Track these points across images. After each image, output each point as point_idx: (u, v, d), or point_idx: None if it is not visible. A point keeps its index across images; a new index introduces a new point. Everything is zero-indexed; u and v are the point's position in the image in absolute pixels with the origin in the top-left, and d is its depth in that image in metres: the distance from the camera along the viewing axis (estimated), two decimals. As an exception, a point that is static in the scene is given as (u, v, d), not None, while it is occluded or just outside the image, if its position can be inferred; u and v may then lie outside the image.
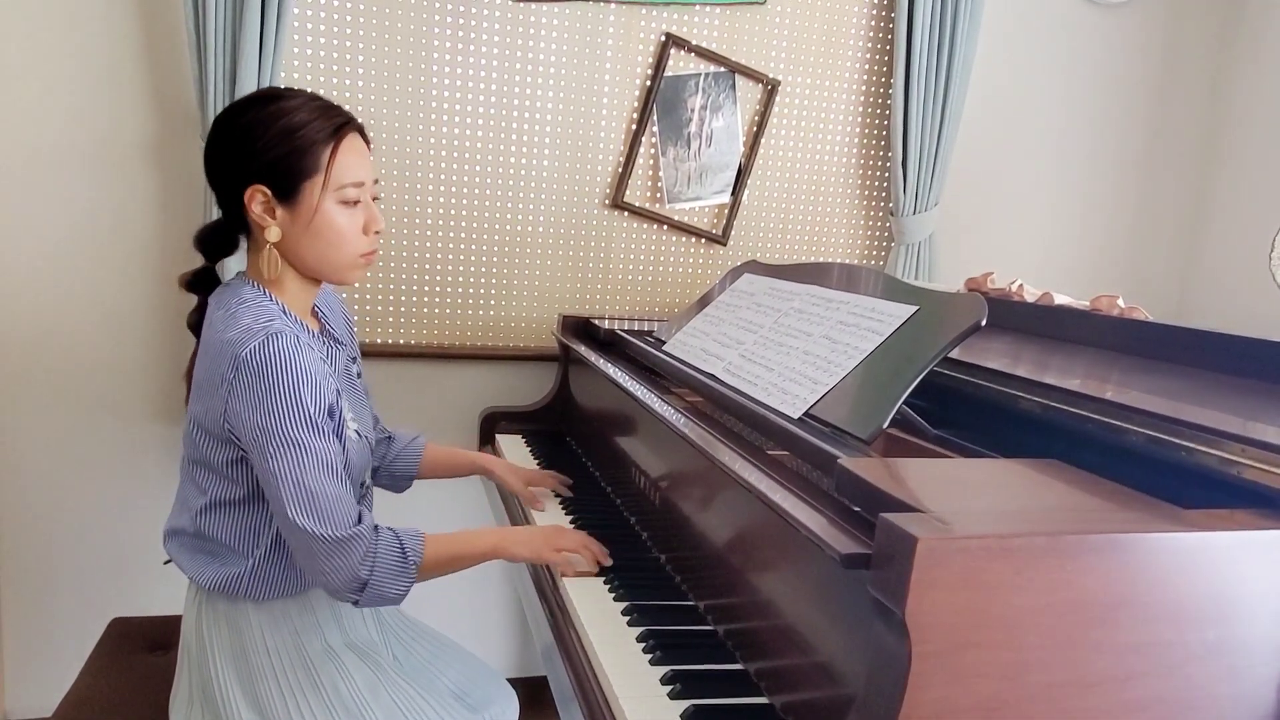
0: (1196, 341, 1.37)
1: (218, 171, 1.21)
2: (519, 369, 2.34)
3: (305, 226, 1.19)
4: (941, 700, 0.73)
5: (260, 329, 1.12)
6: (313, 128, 1.17)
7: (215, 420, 1.16)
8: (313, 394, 1.13)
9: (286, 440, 1.11)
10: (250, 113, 1.18)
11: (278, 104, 1.18)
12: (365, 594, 1.17)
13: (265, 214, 1.19)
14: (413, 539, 1.22)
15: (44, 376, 2.03)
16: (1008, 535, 0.73)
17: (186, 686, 1.33)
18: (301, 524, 1.12)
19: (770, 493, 1.01)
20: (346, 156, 1.19)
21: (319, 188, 1.18)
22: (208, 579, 1.25)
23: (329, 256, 1.22)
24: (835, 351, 1.27)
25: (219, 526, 1.24)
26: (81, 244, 2.00)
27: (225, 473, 1.21)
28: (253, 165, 1.16)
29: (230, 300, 1.20)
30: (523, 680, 2.34)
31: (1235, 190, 2.70)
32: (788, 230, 2.48)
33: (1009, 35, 2.53)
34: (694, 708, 1.01)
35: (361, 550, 1.15)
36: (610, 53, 2.24)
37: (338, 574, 1.15)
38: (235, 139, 1.18)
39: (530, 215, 2.27)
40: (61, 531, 2.11)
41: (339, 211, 1.20)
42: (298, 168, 1.17)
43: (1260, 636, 0.82)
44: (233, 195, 1.20)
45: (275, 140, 1.15)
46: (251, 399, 1.11)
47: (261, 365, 1.10)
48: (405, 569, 1.19)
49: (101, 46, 1.93)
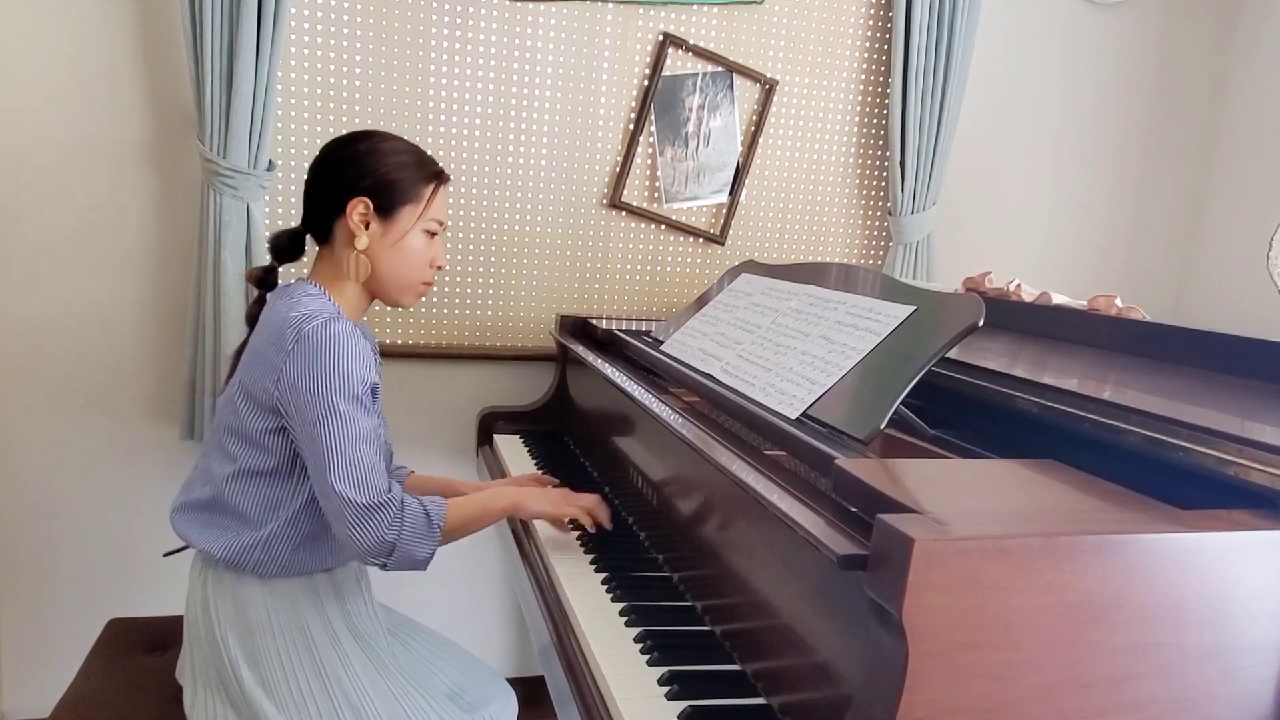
0: (1194, 341, 1.37)
1: (327, 181, 1.35)
2: (517, 369, 2.34)
3: (392, 244, 1.35)
4: (938, 701, 0.73)
5: (323, 314, 1.26)
6: (422, 166, 1.37)
7: (265, 387, 1.25)
8: (362, 373, 1.25)
9: (335, 409, 1.22)
10: (371, 141, 1.35)
11: (394, 141, 1.37)
12: (394, 556, 1.25)
13: (361, 223, 1.33)
14: (436, 504, 1.30)
15: (41, 376, 2.03)
16: (1004, 536, 0.73)
17: (192, 672, 1.35)
18: (339, 488, 1.21)
19: (768, 493, 1.01)
20: (440, 197, 1.39)
21: (415, 215, 1.36)
22: (218, 548, 1.29)
23: (400, 274, 1.37)
24: (833, 352, 1.27)
25: (242, 494, 1.30)
26: (78, 243, 1.99)
27: (261, 441, 1.28)
28: (365, 181, 1.32)
29: (295, 293, 1.32)
30: (522, 679, 2.35)
31: (1233, 190, 2.70)
32: (786, 230, 2.47)
33: (1007, 35, 2.53)
34: (691, 708, 1.01)
35: (390, 515, 1.24)
36: (608, 52, 2.24)
37: (368, 537, 1.22)
38: (353, 157, 1.33)
39: (528, 215, 2.27)
40: (59, 532, 2.11)
41: (421, 239, 1.38)
42: (403, 192, 1.34)
43: (1257, 637, 0.82)
44: (334, 204, 1.33)
45: (391, 165, 1.33)
46: (308, 369, 1.22)
47: (322, 341, 1.22)
48: (431, 532, 1.27)
49: (98, 45, 1.93)
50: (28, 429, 2.04)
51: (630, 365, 1.79)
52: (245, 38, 1.85)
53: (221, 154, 1.90)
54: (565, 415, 2.20)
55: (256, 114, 1.91)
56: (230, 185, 1.92)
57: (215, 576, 1.32)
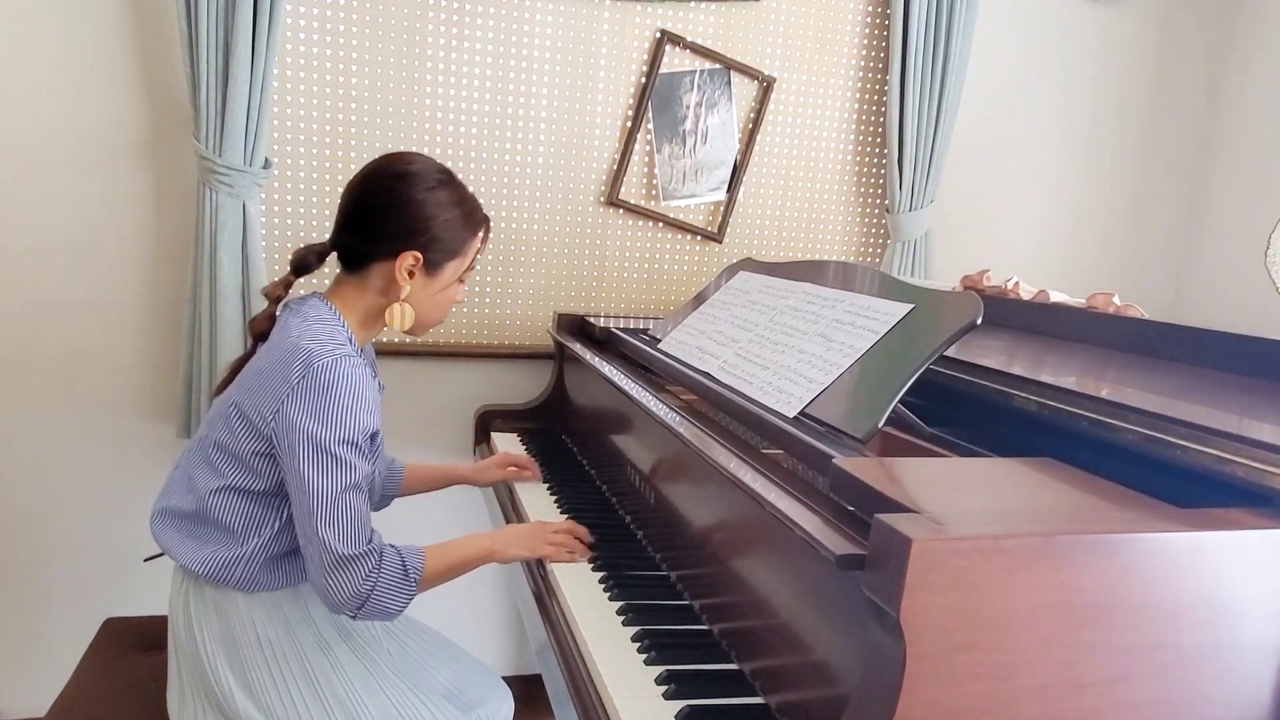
0: (1192, 339, 1.37)
1: (379, 224, 1.31)
2: (514, 367, 2.33)
3: (432, 294, 1.36)
4: (935, 701, 0.73)
5: (333, 348, 1.23)
6: (472, 220, 1.36)
7: (263, 414, 1.22)
8: (364, 420, 1.22)
9: (332, 454, 1.19)
10: (426, 188, 1.31)
11: (450, 190, 1.34)
12: (364, 609, 1.22)
13: (407, 274, 1.32)
14: (413, 556, 1.27)
15: (37, 375, 2.02)
16: (1002, 536, 0.73)
17: (178, 678, 1.34)
18: (322, 534, 1.18)
19: (765, 492, 1.01)
20: (480, 247, 1.39)
21: (460, 269, 1.37)
22: (197, 561, 1.27)
23: (429, 319, 1.39)
24: (831, 350, 1.26)
25: (226, 509, 1.28)
26: (74, 241, 1.99)
27: (251, 464, 1.26)
28: (423, 237, 1.30)
29: (308, 312, 1.30)
30: (519, 678, 2.35)
31: (1231, 188, 2.70)
32: (783, 227, 2.47)
33: (1004, 31, 2.53)
34: (689, 708, 1.01)
35: (368, 568, 1.21)
36: (605, 49, 2.23)
37: (343, 588, 1.20)
38: (411, 207, 1.30)
39: (525, 213, 2.27)
40: (54, 531, 2.10)
41: (457, 288, 1.40)
42: (452, 248, 1.34)
43: (1254, 637, 0.82)
44: (382, 250, 1.31)
45: (448, 223, 1.32)
46: (311, 407, 1.19)
47: (330, 380, 1.20)
48: (405, 584, 1.25)
49: (93, 43, 1.92)
50: (23, 427, 2.04)
51: (628, 363, 1.79)
52: (241, 34, 1.84)
53: (217, 152, 1.90)
54: (563, 413, 2.20)
55: (252, 112, 1.90)
56: (226, 183, 1.91)
57: (197, 591, 1.31)
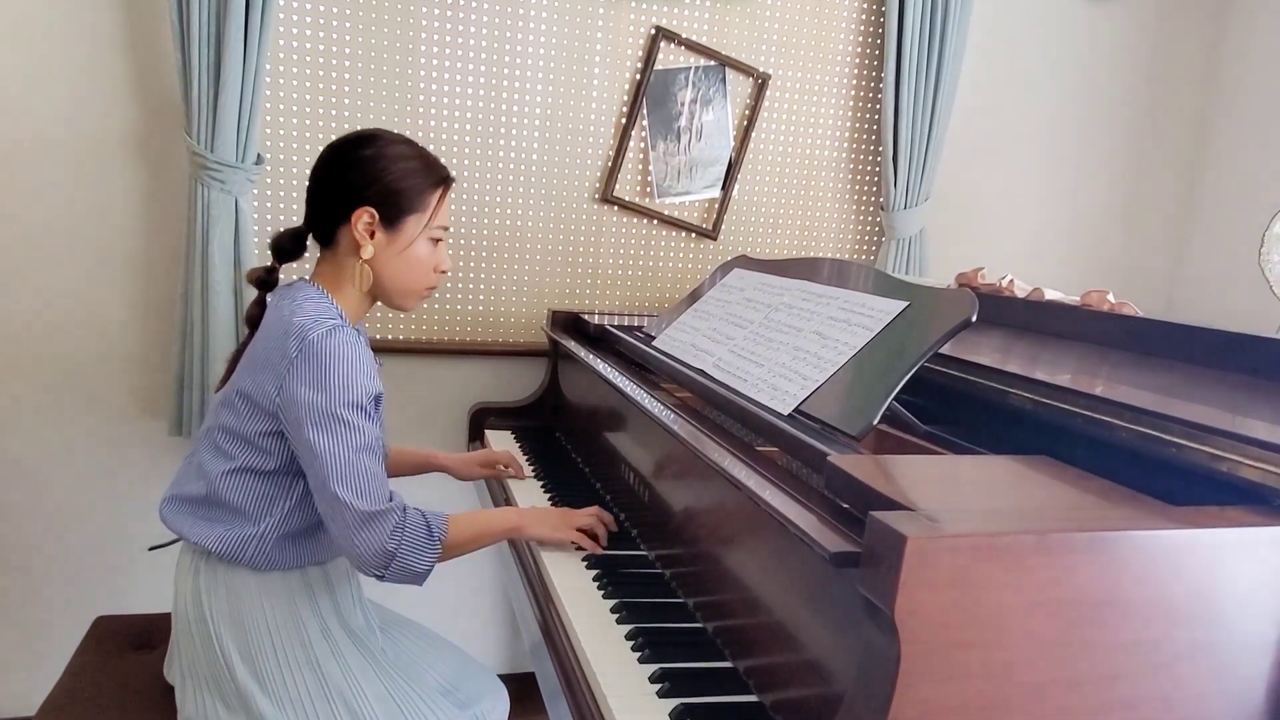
0: (1186, 337, 1.37)
1: (332, 187, 1.33)
2: (508, 364, 2.33)
3: (397, 253, 1.34)
4: (930, 699, 0.73)
5: (327, 321, 1.25)
6: (427, 173, 1.35)
7: (266, 394, 1.24)
8: (365, 383, 1.24)
9: (338, 418, 1.21)
10: (376, 146, 1.33)
11: (400, 146, 1.34)
12: (392, 567, 1.23)
13: (366, 233, 1.32)
14: (438, 518, 1.29)
15: (27, 371, 2.01)
16: (996, 534, 0.73)
17: (180, 660, 1.34)
18: (342, 495, 1.20)
19: (760, 490, 1.01)
20: (444, 204, 1.38)
21: (420, 224, 1.35)
22: (212, 540, 1.29)
23: (404, 281, 1.37)
24: (825, 347, 1.26)
25: (238, 490, 1.30)
26: (65, 238, 1.97)
27: (261, 445, 1.28)
28: (370, 190, 1.31)
29: (297, 295, 1.31)
30: (515, 676, 2.34)
31: (1225, 185, 2.71)
32: (778, 225, 2.47)
33: (999, 29, 2.53)
34: (682, 706, 1.00)
35: (392, 524, 1.22)
36: (600, 46, 2.23)
37: (368, 545, 1.21)
38: (359, 164, 1.31)
39: (519, 210, 2.26)
40: (46, 528, 2.09)
41: (425, 246, 1.37)
42: (409, 201, 1.33)
43: (1248, 634, 0.82)
44: (338, 211, 1.32)
45: (396, 175, 1.32)
46: (311, 378, 1.21)
47: (325, 350, 1.22)
48: (431, 544, 1.26)
49: (84, 37, 1.91)
50: (14, 424, 2.02)
51: (622, 361, 1.78)
52: (233, 29, 1.83)
53: (209, 147, 1.89)
54: (557, 411, 2.20)
55: (245, 107, 1.89)
56: (218, 179, 1.90)
57: (209, 568, 1.31)
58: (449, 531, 1.29)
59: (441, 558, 1.27)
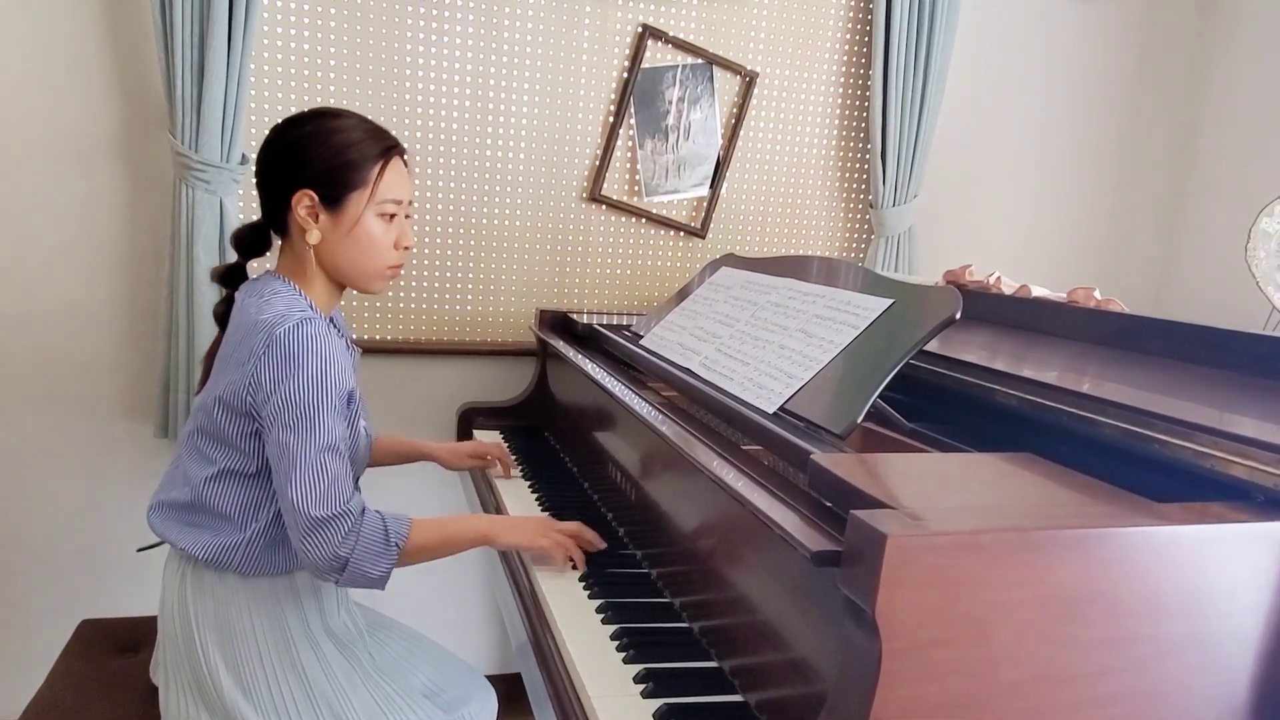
0: (1173, 333, 1.37)
1: (270, 174, 1.29)
2: (496, 364, 2.32)
3: (345, 234, 1.28)
4: (912, 698, 0.73)
5: (296, 315, 1.20)
6: (366, 145, 1.27)
7: (238, 393, 1.21)
8: (335, 378, 1.21)
9: (303, 416, 1.18)
10: (309, 125, 1.27)
11: (335, 120, 1.28)
12: (346, 573, 1.20)
13: (309, 217, 1.27)
14: (397, 522, 1.25)
15: (11, 373, 1.99)
16: (978, 531, 0.73)
17: (164, 664, 1.33)
18: (295, 499, 1.17)
19: (743, 489, 1.00)
20: (391, 175, 1.29)
21: (364, 200, 1.27)
22: (198, 547, 1.27)
23: (361, 264, 1.31)
24: (811, 345, 1.26)
25: (222, 496, 1.27)
26: (48, 238, 1.96)
27: (240, 446, 1.25)
28: (305, 172, 1.25)
29: (264, 290, 1.27)
30: (503, 677, 2.33)
31: (1211, 183, 2.71)
32: (767, 223, 2.46)
33: (987, 27, 2.53)
34: (666, 706, 1.00)
35: (344, 529, 1.19)
36: (587, 44, 2.22)
37: (319, 549, 1.18)
38: (290, 146, 1.27)
39: (507, 209, 2.25)
40: (30, 531, 2.07)
41: (377, 224, 1.30)
42: (347, 179, 1.26)
43: (1233, 630, 0.82)
44: (280, 198, 1.28)
45: (330, 152, 1.25)
46: (278, 374, 1.18)
47: (293, 344, 1.18)
48: (386, 550, 1.22)
49: (66, 38, 1.89)
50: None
51: (610, 360, 1.78)
52: (216, 28, 1.82)
53: (193, 147, 1.87)
54: (545, 411, 2.19)
55: (229, 107, 1.88)
56: (202, 179, 1.89)
57: (195, 574, 1.30)
58: (410, 538, 1.24)
59: (400, 564, 1.24)
